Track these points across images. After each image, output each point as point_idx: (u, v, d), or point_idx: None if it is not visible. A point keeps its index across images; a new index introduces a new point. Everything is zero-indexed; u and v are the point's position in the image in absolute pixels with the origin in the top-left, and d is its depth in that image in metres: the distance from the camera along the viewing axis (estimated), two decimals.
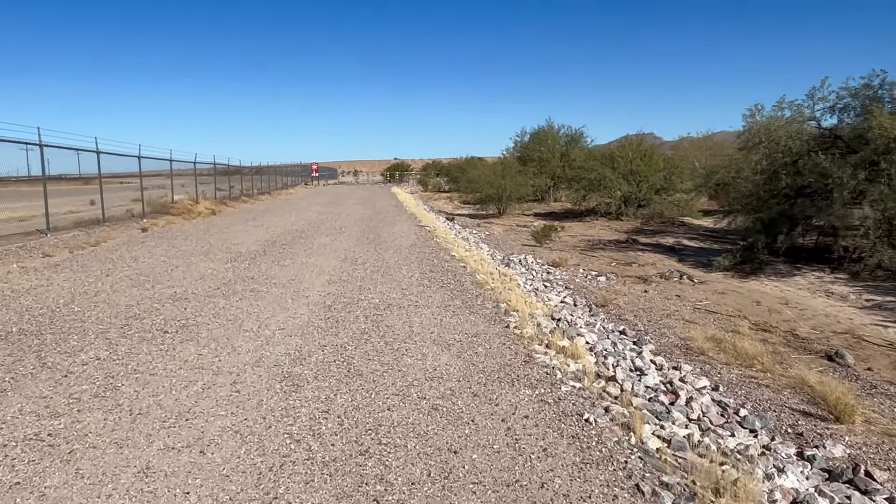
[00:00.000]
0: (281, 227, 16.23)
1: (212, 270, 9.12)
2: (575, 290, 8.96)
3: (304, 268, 9.43)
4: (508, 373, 4.70)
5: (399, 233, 14.81)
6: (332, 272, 9.05)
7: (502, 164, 26.72)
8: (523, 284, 8.77)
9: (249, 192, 31.31)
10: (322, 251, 11.30)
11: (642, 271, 10.98)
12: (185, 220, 17.87)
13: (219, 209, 21.71)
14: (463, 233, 16.07)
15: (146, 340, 5.47)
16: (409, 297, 7.41)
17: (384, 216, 20.10)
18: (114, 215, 15.99)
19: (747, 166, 14.32)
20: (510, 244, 14.39)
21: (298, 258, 10.40)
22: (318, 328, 5.91)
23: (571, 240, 15.79)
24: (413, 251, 11.49)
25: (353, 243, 12.64)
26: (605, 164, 21.55)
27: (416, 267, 9.65)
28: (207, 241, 12.89)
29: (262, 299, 7.17)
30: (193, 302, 7.02)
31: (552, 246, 14.10)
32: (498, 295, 7.60)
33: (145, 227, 14.82)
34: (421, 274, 9.00)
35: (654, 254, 13.42)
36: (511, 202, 23.57)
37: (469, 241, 14.22)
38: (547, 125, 31.42)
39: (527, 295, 8.00)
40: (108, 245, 11.89)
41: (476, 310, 6.80)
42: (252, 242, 12.61)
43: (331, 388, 4.32)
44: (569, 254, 12.90)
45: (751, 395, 4.89)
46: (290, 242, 12.69)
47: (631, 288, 9.26)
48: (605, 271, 10.78)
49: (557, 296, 8.34)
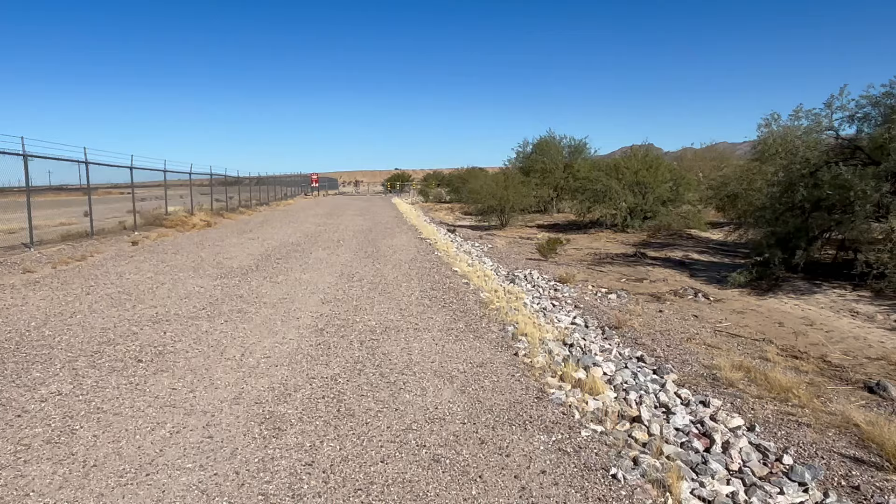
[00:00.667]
0: (277, 239, 15.71)
1: (199, 288, 8.58)
2: (585, 309, 8.41)
3: (297, 285, 8.90)
4: (520, 412, 4.15)
5: (399, 246, 14.29)
6: (327, 290, 8.51)
7: (504, 174, 26.21)
8: (530, 303, 8.23)
9: (248, 203, 30.84)
10: (317, 266, 10.77)
11: (654, 288, 10.43)
12: (179, 233, 17.36)
13: (215, 221, 21.21)
14: (465, 246, 15.54)
15: (116, 371, 4.93)
16: (409, 318, 6.86)
17: (384, 228, 19.59)
18: (104, 228, 15.48)
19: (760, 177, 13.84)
20: (514, 258, 13.85)
21: (292, 274, 9.87)
22: (307, 356, 5.37)
23: (577, 253, 15.25)
24: (413, 266, 10.96)
25: (350, 257, 12.12)
26: (611, 175, 21.05)
27: (417, 284, 9.12)
28: (199, 255, 12.37)
29: (250, 321, 6.63)
30: (175, 324, 6.48)
31: (558, 260, 13.57)
32: (504, 316, 7.06)
33: (136, 240, 14.31)
34: (421, 292, 8.47)
35: (665, 269, 12.88)
36: (514, 213, 23.07)
37: (471, 254, 13.69)
38: (549, 135, 31.03)
39: (535, 315, 7.46)
40: (95, 260, 11.37)
41: (481, 334, 6.26)
42: (245, 257, 12.08)
43: (317, 433, 3.77)
44: (576, 269, 12.36)
45: (792, 437, 4.34)
46: (285, 256, 12.16)
47: (645, 307, 8.71)
48: (616, 288, 10.24)
49: (567, 316, 7.80)
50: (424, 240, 15.78)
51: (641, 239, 18.76)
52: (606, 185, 20.34)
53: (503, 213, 22.84)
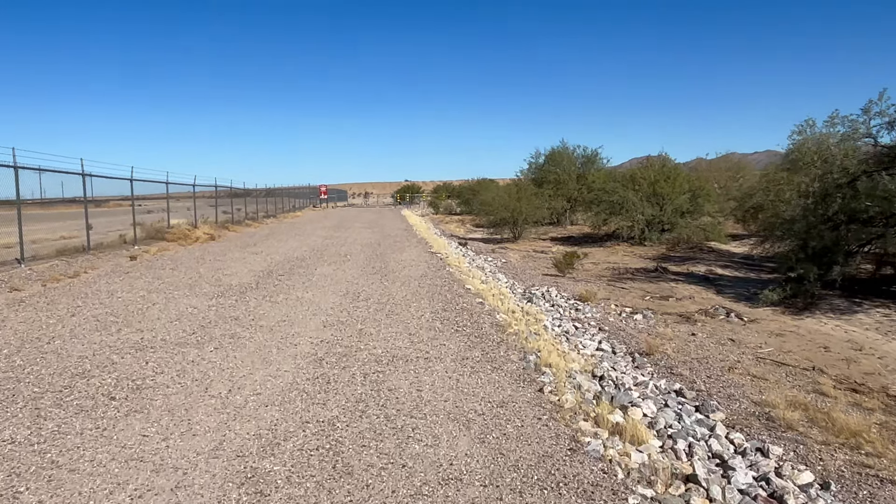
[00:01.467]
0: (281, 254, 15.13)
1: (192, 309, 7.97)
2: (611, 332, 7.71)
3: (298, 305, 8.27)
4: (551, 470, 3.47)
5: (408, 261, 13.65)
6: (330, 311, 7.88)
7: (517, 186, 25.56)
8: (551, 326, 7.55)
9: (254, 215, 30.38)
10: (321, 284, 10.15)
11: (682, 307, 9.71)
12: (181, 247, 16.83)
13: (219, 234, 20.70)
14: (477, 260, 14.88)
15: (84, 412, 4.30)
16: (419, 345, 6.20)
17: (393, 241, 18.98)
18: (103, 242, 14.96)
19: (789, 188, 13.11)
20: (530, 273, 13.17)
21: (294, 292, 9.25)
22: (303, 393, 4.72)
23: (595, 268, 14.55)
24: (423, 283, 10.31)
25: (357, 273, 11.49)
26: (627, 186, 20.35)
27: (427, 304, 8.46)
28: (198, 271, 11.79)
29: (242, 349, 6.00)
30: (159, 352, 5.86)
31: (576, 275, 12.87)
32: (524, 341, 6.39)
33: (135, 254, 13.77)
34: (432, 313, 7.81)
35: (689, 285, 12.15)
36: (527, 226, 22.38)
37: (485, 269, 13.02)
38: (562, 146, 30.39)
39: (557, 341, 6.78)
40: (88, 277, 10.81)
41: (500, 364, 5.59)
42: (246, 273, 11.49)
43: (307, 499, 3.11)
44: (595, 285, 11.66)
45: (876, 499, 3.63)
46: (288, 273, 11.56)
47: (675, 330, 7.99)
48: (640, 307, 9.53)
49: (592, 341, 7.10)
50: (435, 254, 15.14)
51: (660, 252, 18.01)
52: (623, 197, 19.63)
53: (516, 225, 22.17)
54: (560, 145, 30.31)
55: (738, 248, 19.04)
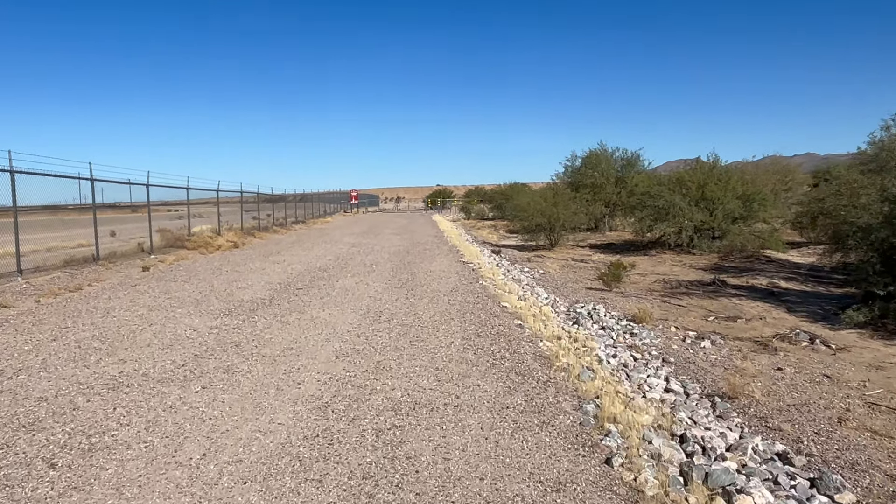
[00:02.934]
0: (304, 263, 14.19)
1: (191, 332, 7.00)
2: (677, 364, 6.45)
3: (311, 327, 7.22)
4: None
5: (438, 271, 12.55)
6: (346, 336, 6.81)
7: (553, 190, 24.23)
8: (605, 357, 6.33)
9: (282, 221, 29.71)
10: (341, 300, 9.11)
11: (753, 330, 8.37)
12: (201, 255, 16.05)
13: (244, 241, 19.94)
14: (513, 271, 13.69)
15: (7, 488, 3.29)
16: (447, 385, 5.07)
17: (422, 249, 17.91)
18: (117, 251, 14.25)
19: (865, 192, 11.61)
20: (571, 287, 11.92)
21: (309, 311, 8.23)
22: (295, 461, 3.63)
23: (643, 280, 13.21)
24: (454, 299, 9.18)
25: (381, 287, 10.43)
26: (674, 189, 18.90)
27: (458, 326, 7.33)
28: (211, 283, 10.89)
29: (234, 389, 4.95)
30: (135, 393, 4.85)
31: (623, 289, 11.57)
32: (576, 381, 5.21)
33: (149, 265, 12.97)
34: (464, 340, 6.67)
35: (753, 301, 10.74)
36: (563, 232, 21.07)
37: (521, 282, 11.83)
38: (600, 148, 28.93)
39: (615, 377, 5.57)
40: (90, 291, 9.99)
41: (550, 417, 4.41)
42: (261, 286, 10.53)
43: None
44: (648, 301, 10.37)
45: None
46: (307, 286, 10.57)
47: (755, 362, 6.68)
48: (705, 330, 8.23)
49: (657, 377, 5.87)
50: (467, 264, 14.01)
51: (712, 262, 16.53)
52: (670, 201, 18.19)
53: (552, 231, 20.87)
54: (598, 147, 28.88)
55: (798, 258, 17.42)
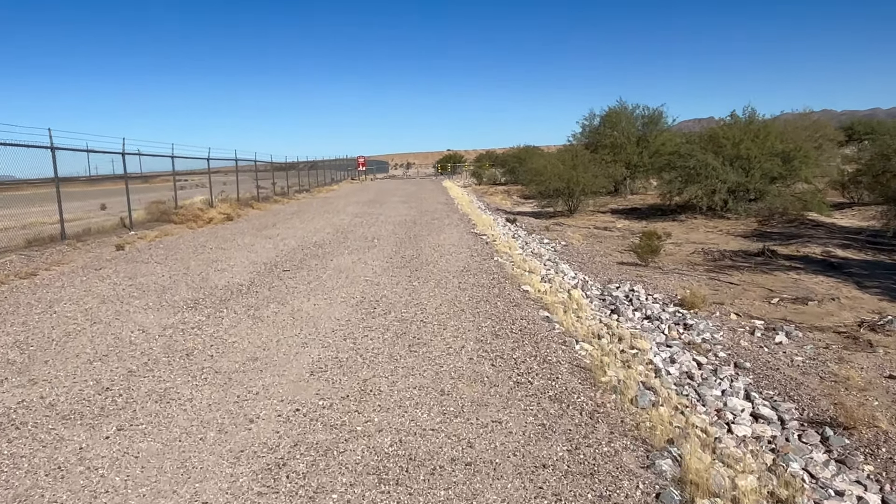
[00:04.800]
0: (299, 237, 12.79)
1: (137, 334, 5.63)
2: (755, 372, 4.99)
3: (288, 325, 5.83)
4: None
5: (447, 246, 11.09)
6: (330, 338, 5.40)
7: (572, 152, 22.46)
8: (662, 364, 4.89)
9: (284, 190, 28.26)
10: (332, 284, 7.71)
11: (830, 315, 6.86)
12: (189, 230, 14.69)
13: (239, 213, 18.54)
14: (531, 243, 12.20)
15: None
16: (455, 424, 3.65)
17: (431, 219, 16.42)
18: (93, 227, 12.89)
19: None
20: (600, 262, 10.42)
21: (291, 301, 6.84)
22: None
23: (678, 250, 11.68)
24: (465, 282, 7.75)
25: (381, 265, 9.01)
26: (706, 147, 17.16)
27: (470, 321, 5.90)
28: (188, 264, 9.52)
29: (160, 432, 3.57)
30: (21, 441, 3.49)
31: (661, 264, 10.06)
32: (635, 410, 3.77)
33: (124, 242, 11.62)
34: (478, 342, 5.24)
35: (814, 275, 9.20)
36: (583, 197, 19.46)
37: (542, 257, 10.35)
38: (620, 105, 26.94)
39: (684, 397, 4.14)
40: (43, 277, 8.65)
41: (609, 487, 2.98)
42: (244, 267, 9.15)
43: None
44: (692, 277, 8.87)
45: None
46: (297, 266, 9.17)
47: (856, 366, 5.19)
48: (772, 317, 6.74)
49: (735, 394, 4.42)
50: (479, 236, 12.52)
51: (751, 228, 14.91)
52: (702, 161, 16.48)
53: (571, 197, 19.26)
54: (618, 104, 26.90)
55: (845, 221, 15.73)
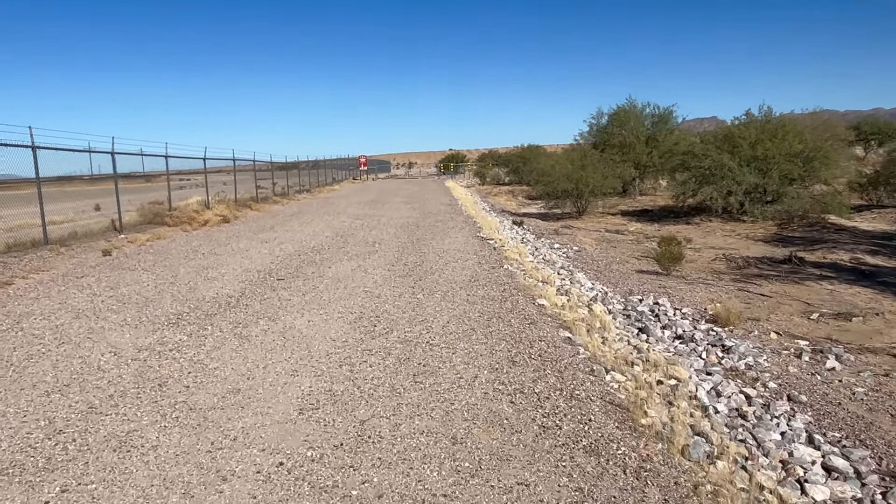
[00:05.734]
0: (297, 241, 12.16)
1: (108, 358, 4.99)
2: (813, 407, 4.33)
3: (278, 347, 5.19)
4: None
5: (452, 251, 10.45)
6: (324, 364, 4.76)
7: (581, 151, 21.76)
8: (708, 398, 4.23)
9: (284, 191, 27.63)
10: (329, 296, 7.07)
11: (879, 334, 6.20)
12: (184, 233, 14.06)
13: (237, 214, 17.92)
14: (541, 248, 11.54)
15: None
16: (472, 487, 3.00)
17: (434, 221, 15.77)
18: (80, 231, 12.25)
19: None
20: (616, 269, 9.76)
21: (283, 316, 6.20)
22: None
23: (699, 256, 11.01)
24: (474, 294, 7.10)
25: (382, 274, 8.38)
26: (721, 147, 16.48)
27: (483, 343, 5.25)
28: (176, 272, 8.90)
29: (109, 498, 2.93)
30: None
31: (683, 272, 9.39)
32: (689, 464, 3.12)
33: (112, 247, 10.99)
34: (493, 371, 4.59)
35: (848, 284, 8.53)
36: (592, 198, 18.79)
37: (555, 264, 9.69)
38: (629, 103, 26.24)
39: (741, 444, 3.49)
40: (19, 287, 8.01)
41: None
42: (237, 275, 8.52)
43: None
44: (719, 288, 8.21)
45: None
46: (292, 274, 8.54)
47: None
48: (816, 336, 6.08)
49: (798, 438, 3.76)
50: (486, 240, 11.88)
51: (770, 232, 14.24)
52: (717, 161, 15.81)
53: (580, 198, 18.60)
54: (626, 102, 26.20)
55: (866, 224, 15.04)
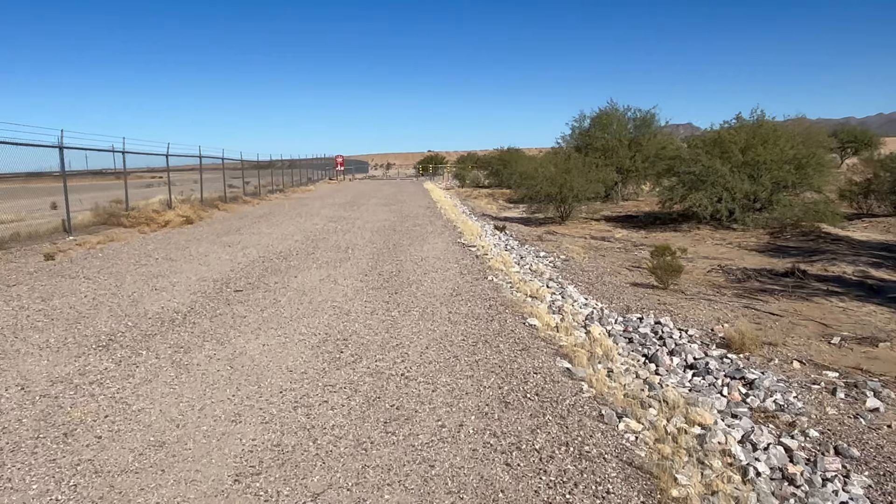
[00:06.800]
0: (262, 245, 11.21)
1: (9, 395, 4.04)
2: (869, 465, 3.59)
3: (222, 379, 4.30)
4: None
5: (432, 259, 9.62)
6: (275, 402, 3.88)
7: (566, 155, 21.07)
8: (745, 456, 3.46)
9: (255, 190, 26.50)
10: (291, 312, 6.18)
11: None
12: (141, 235, 12.99)
13: (202, 215, 16.84)
14: (526, 256, 10.76)
15: None
16: None
17: (412, 225, 14.92)
18: (22, 232, 11.12)
19: None
20: (609, 282, 9.00)
21: (235, 338, 5.30)
22: None
23: (693, 267, 10.33)
24: (457, 311, 6.28)
25: (354, 286, 7.51)
26: (711, 152, 15.91)
27: (469, 378, 4.43)
28: (122, 281, 7.92)
29: None
30: None
31: (681, 285, 8.67)
32: None
33: (57, 251, 9.92)
34: (482, 414, 3.76)
35: (858, 301, 7.89)
36: (577, 203, 18.11)
37: (542, 275, 8.92)
38: (610, 106, 25.66)
39: None
40: None
41: None
42: (190, 285, 7.58)
43: None
44: (722, 304, 7.50)
45: None
46: (253, 284, 7.63)
47: None
48: (845, 366, 5.37)
49: None
50: (467, 247, 11.07)
51: (763, 241, 13.66)
52: (708, 167, 15.23)
53: (564, 202, 17.90)
54: (608, 106, 25.62)
55: (860, 234, 14.57)
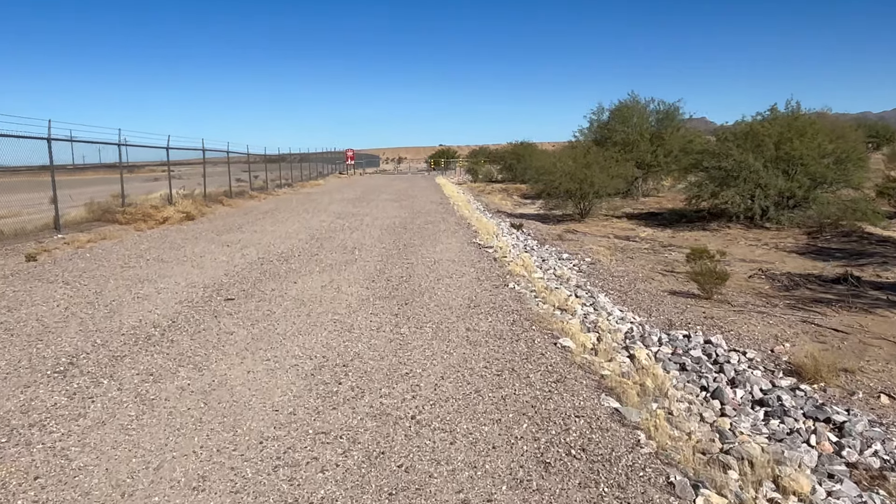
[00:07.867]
0: (263, 245, 10.44)
1: None
2: None
3: (192, 420, 3.49)
4: None
5: (445, 262, 8.78)
6: (252, 457, 3.06)
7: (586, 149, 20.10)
8: None
9: (263, 185, 25.78)
10: (285, 328, 5.37)
11: None
12: (136, 232, 12.26)
13: (204, 211, 16.11)
14: (548, 258, 9.88)
15: None
16: None
17: (424, 223, 14.09)
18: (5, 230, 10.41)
19: None
20: (643, 289, 8.11)
21: (216, 362, 4.49)
22: None
23: (732, 272, 9.39)
24: (475, 328, 5.44)
25: (358, 295, 6.70)
26: (743, 146, 14.92)
27: (496, 423, 3.59)
28: (102, 286, 7.16)
29: None
30: None
31: (726, 294, 7.76)
32: None
33: (38, 251, 9.19)
34: (516, 484, 2.91)
35: None
36: (598, 200, 17.18)
37: (570, 281, 8.05)
38: (631, 99, 24.66)
39: None
40: None
41: None
42: (176, 291, 6.80)
43: None
44: (774, 316, 6.60)
45: None
46: (248, 291, 6.84)
47: None
48: None
49: None
50: (483, 248, 10.22)
51: (801, 241, 12.69)
52: (740, 162, 14.25)
53: (584, 199, 16.97)
54: (629, 98, 24.61)
55: None
